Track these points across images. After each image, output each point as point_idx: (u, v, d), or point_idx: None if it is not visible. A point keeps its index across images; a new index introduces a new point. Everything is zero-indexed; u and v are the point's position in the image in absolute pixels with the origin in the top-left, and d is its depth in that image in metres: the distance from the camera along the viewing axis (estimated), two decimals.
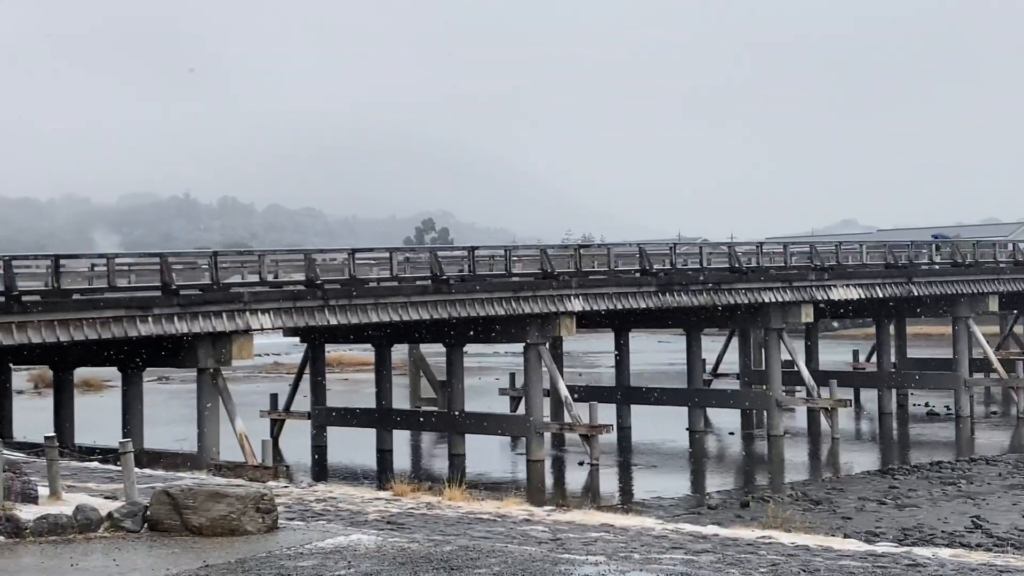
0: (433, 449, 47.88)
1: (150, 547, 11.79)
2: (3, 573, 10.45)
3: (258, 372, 75.90)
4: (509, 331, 43.69)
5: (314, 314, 38.90)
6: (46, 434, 14.57)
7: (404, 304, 40.42)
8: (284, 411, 49.17)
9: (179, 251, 43.02)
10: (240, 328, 36.68)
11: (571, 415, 41.29)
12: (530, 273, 43.70)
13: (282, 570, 10.65)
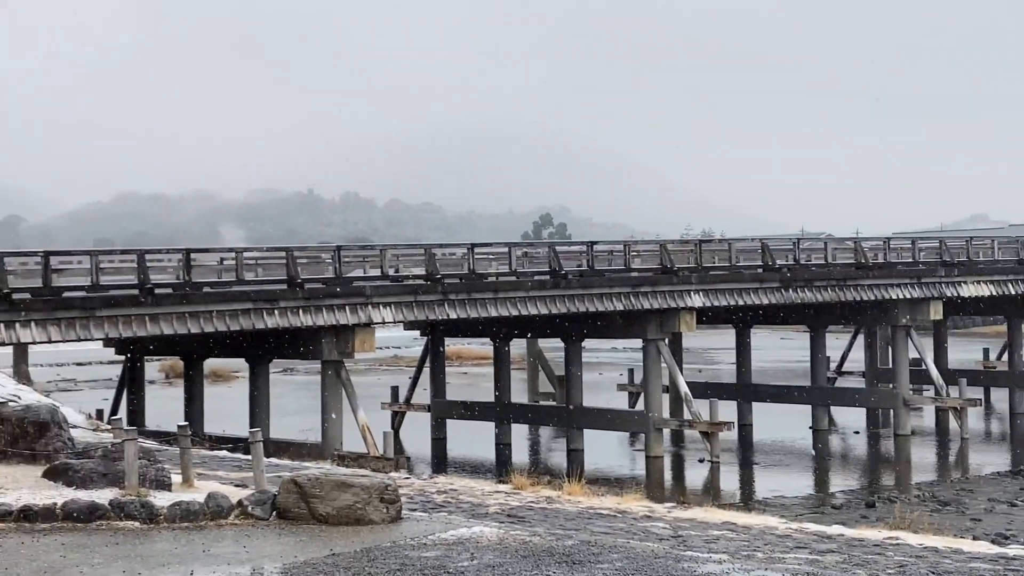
0: (551, 444, 47.94)
1: (278, 534, 12.04)
2: (138, 558, 10.78)
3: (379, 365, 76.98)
4: (628, 326, 43.49)
5: (434, 308, 39.29)
6: (179, 423, 15.00)
7: (522, 299, 40.55)
8: (405, 403, 49.80)
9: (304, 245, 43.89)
10: (362, 321, 37.25)
11: (691, 412, 40.91)
12: (649, 268, 43.42)
13: (406, 560, 10.78)
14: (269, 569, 10.47)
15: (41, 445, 15.33)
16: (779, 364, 71.52)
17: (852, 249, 47.78)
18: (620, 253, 43.85)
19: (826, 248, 47.82)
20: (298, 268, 37.15)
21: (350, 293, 37.38)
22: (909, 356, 48.00)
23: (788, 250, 47.00)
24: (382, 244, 42.33)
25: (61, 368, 76.13)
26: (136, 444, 13.09)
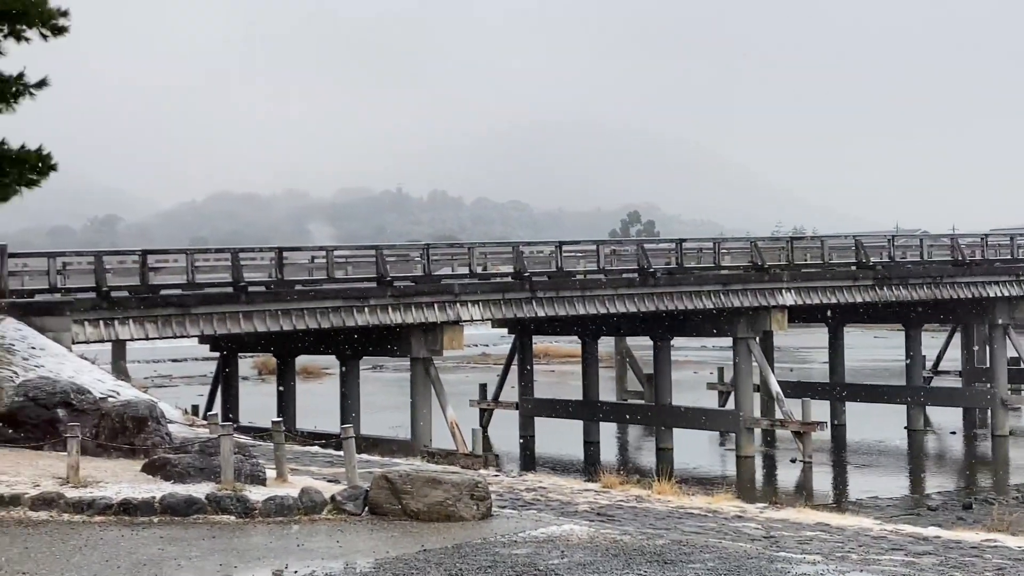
0: (640, 442, 47.72)
1: (371, 530, 12.15)
2: (234, 551, 10.96)
3: (467, 362, 77.31)
4: (718, 325, 43.11)
5: (522, 306, 39.35)
6: (272, 419, 15.22)
7: (611, 297, 40.42)
8: (493, 401, 49.98)
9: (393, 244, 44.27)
10: (451, 319, 37.46)
11: (782, 411, 40.42)
12: (739, 266, 43.00)
13: (497, 557, 10.80)
14: (362, 564, 10.57)
15: (140, 440, 15.70)
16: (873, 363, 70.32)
17: (948, 246, 46.79)
18: (710, 251, 43.50)
19: (921, 245, 46.91)
20: (387, 266, 37.47)
21: (439, 291, 37.61)
22: (1008, 355, 46.87)
23: (882, 247, 46.19)
24: (470, 242, 42.53)
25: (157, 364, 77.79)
26: (232, 439, 13.31)
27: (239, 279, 34.82)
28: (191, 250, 38.21)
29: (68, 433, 13.49)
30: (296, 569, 10.24)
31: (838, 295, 43.55)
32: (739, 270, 42.59)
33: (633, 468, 36.60)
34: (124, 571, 9.98)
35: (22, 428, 15.99)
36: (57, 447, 15.14)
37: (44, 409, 16.12)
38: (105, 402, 17.32)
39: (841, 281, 43.67)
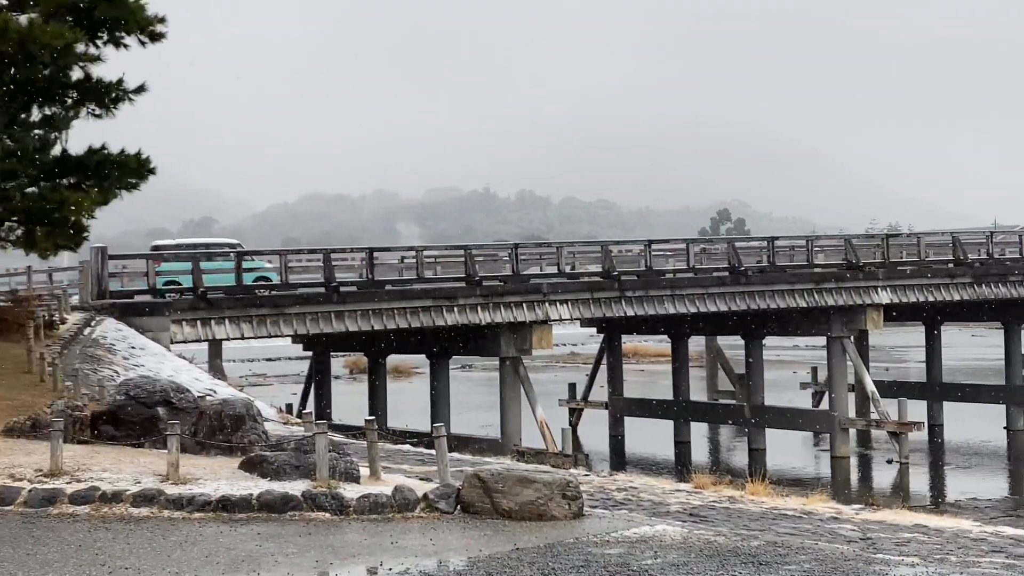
0: (731, 442, 47.28)
1: (463, 528, 12.21)
2: (330, 548, 11.09)
3: (556, 362, 77.33)
4: (811, 324, 42.55)
5: (611, 305, 39.25)
6: (365, 417, 15.39)
7: (701, 295, 40.13)
8: (582, 400, 49.94)
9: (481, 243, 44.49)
10: (540, 318, 37.51)
11: (878, 411, 39.76)
12: (833, 264, 42.41)
13: (589, 557, 10.78)
14: (455, 562, 10.63)
15: (237, 438, 15.96)
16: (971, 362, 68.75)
17: None
18: (802, 248, 42.97)
19: (1021, 242, 45.80)
20: (476, 266, 37.65)
21: (528, 290, 37.70)
22: None
23: (980, 244, 45.18)
24: (559, 241, 42.54)
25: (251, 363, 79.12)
26: (326, 438, 13.46)
27: (331, 279, 35.28)
28: (284, 251, 38.83)
29: (168, 431, 13.76)
30: (391, 567, 10.33)
31: (935, 293, 42.69)
32: (833, 268, 41.99)
33: (725, 468, 36.28)
34: (223, 567, 10.16)
35: (123, 426, 16.37)
36: (157, 445, 15.48)
37: (145, 407, 16.48)
38: (203, 400, 17.66)
39: (938, 279, 42.81)
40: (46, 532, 11.45)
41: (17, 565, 10.02)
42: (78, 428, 16.17)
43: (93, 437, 16.36)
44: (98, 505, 12.47)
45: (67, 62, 21.29)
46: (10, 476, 13.35)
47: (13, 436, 16.10)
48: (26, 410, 17.94)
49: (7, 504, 12.54)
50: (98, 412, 16.86)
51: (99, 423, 16.56)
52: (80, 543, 10.97)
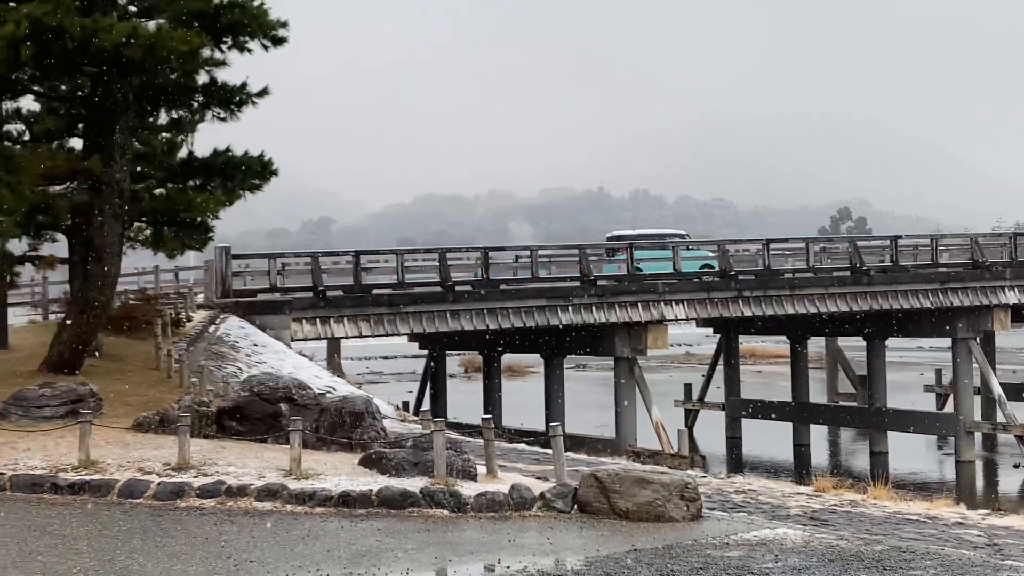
0: (852, 445, 46.35)
1: (580, 528, 12.20)
2: (448, 545, 11.18)
3: (671, 362, 76.76)
4: (935, 325, 41.49)
5: (727, 305, 38.81)
6: (482, 416, 15.48)
7: (820, 296, 39.44)
8: (698, 401, 49.47)
9: (596, 243, 44.30)
10: (655, 318, 37.27)
11: (1005, 414, 38.61)
12: (959, 264, 41.28)
13: (709, 559, 10.68)
14: (572, 561, 10.62)
15: (357, 434, 16.20)
16: None
17: None
18: (926, 248, 41.94)
19: None
20: (591, 265, 37.58)
21: (643, 290, 37.49)
22: None
23: None
24: (674, 240, 42.22)
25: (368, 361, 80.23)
26: (444, 435, 13.58)
27: (446, 279, 35.58)
28: (401, 251, 39.28)
29: (290, 427, 14.04)
30: (508, 564, 10.37)
31: None
32: (958, 268, 40.86)
33: (845, 471, 35.56)
34: (345, 561, 10.32)
35: (247, 421, 16.75)
36: (280, 440, 15.79)
37: (268, 404, 16.83)
38: (324, 397, 17.97)
39: None
40: (174, 524, 11.77)
41: (147, 557, 10.32)
42: (204, 423, 16.60)
43: (218, 432, 16.76)
44: (223, 499, 12.78)
45: (193, 67, 21.82)
46: (139, 469, 13.76)
47: (142, 431, 16.59)
48: (154, 405, 18.48)
49: (137, 497, 12.93)
50: (223, 408, 17.27)
51: (224, 418, 16.97)
52: (207, 536, 11.26)
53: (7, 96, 22.52)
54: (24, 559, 10.09)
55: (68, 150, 23.64)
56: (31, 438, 15.36)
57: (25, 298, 38.37)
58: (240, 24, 22.29)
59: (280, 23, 22.77)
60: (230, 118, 24.20)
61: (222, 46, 22.53)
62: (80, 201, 22.68)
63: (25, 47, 19.51)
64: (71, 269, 23.61)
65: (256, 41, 22.78)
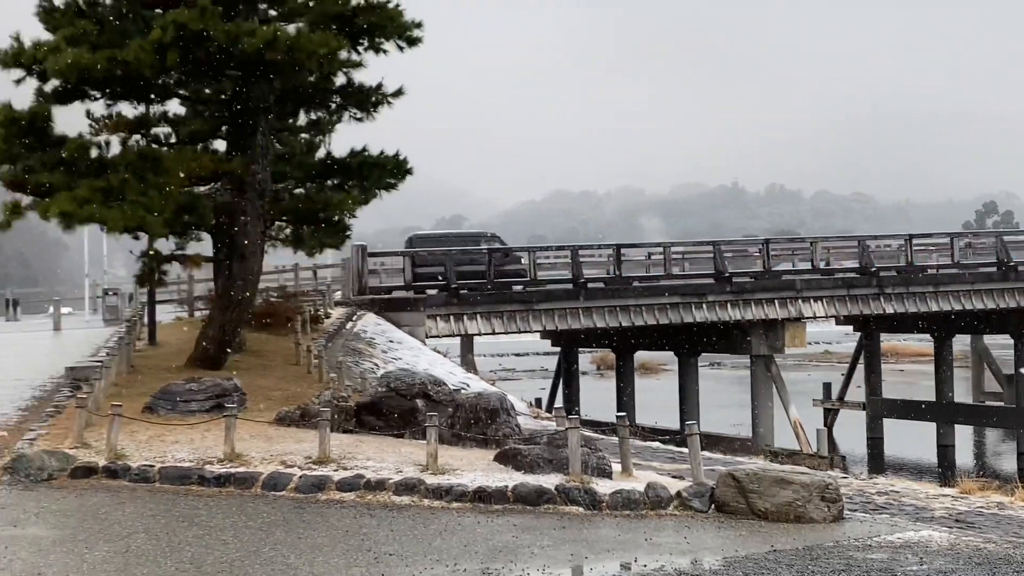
0: (998, 446, 44.80)
1: (717, 527, 12.06)
2: (584, 542, 11.16)
3: (808, 360, 75.25)
4: None
5: (868, 302, 37.92)
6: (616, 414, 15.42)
7: (966, 292, 38.26)
8: (837, 400, 48.41)
9: (730, 239, 43.78)
10: (792, 316, 36.63)
11: None
12: None
13: (851, 561, 10.44)
14: (709, 561, 10.50)
15: (492, 431, 16.31)
16: None
17: None
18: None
19: None
20: (725, 262, 37.12)
21: (780, 287, 36.89)
22: None
23: None
24: (812, 236, 41.40)
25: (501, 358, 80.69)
26: (579, 432, 13.57)
27: (579, 276, 35.56)
28: (533, 248, 39.40)
29: (427, 423, 14.20)
30: (645, 563, 10.30)
31: None
32: None
33: (992, 473, 34.38)
34: (481, 556, 10.39)
35: (385, 417, 17.00)
36: (416, 435, 15.98)
37: (404, 399, 17.06)
38: (459, 394, 18.13)
39: None
40: (315, 517, 12.01)
41: (290, 549, 10.55)
42: (343, 418, 16.91)
43: (356, 427, 17.06)
44: (363, 492, 12.99)
45: (331, 69, 22.25)
46: (282, 463, 14.09)
47: (284, 425, 16.98)
48: (295, 400, 18.91)
49: (279, 489, 13.24)
50: (361, 403, 17.57)
51: (362, 413, 17.26)
52: (347, 528, 11.46)
53: (155, 100, 23.28)
54: (173, 549, 10.42)
55: (212, 152, 24.32)
56: (179, 431, 15.87)
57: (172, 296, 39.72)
58: (376, 26, 22.63)
59: (415, 24, 23.06)
60: (366, 118, 24.63)
61: (358, 48, 22.91)
62: (224, 201, 23.35)
63: (171, 52, 20.15)
64: (215, 267, 24.32)
65: (391, 42, 23.11)
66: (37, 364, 24.74)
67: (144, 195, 20.31)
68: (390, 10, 22.70)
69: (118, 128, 22.26)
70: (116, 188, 20.14)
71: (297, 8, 22.81)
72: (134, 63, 20.11)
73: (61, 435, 15.57)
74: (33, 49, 20.98)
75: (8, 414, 17.95)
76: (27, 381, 21.80)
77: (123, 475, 13.60)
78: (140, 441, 15.26)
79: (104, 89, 21.71)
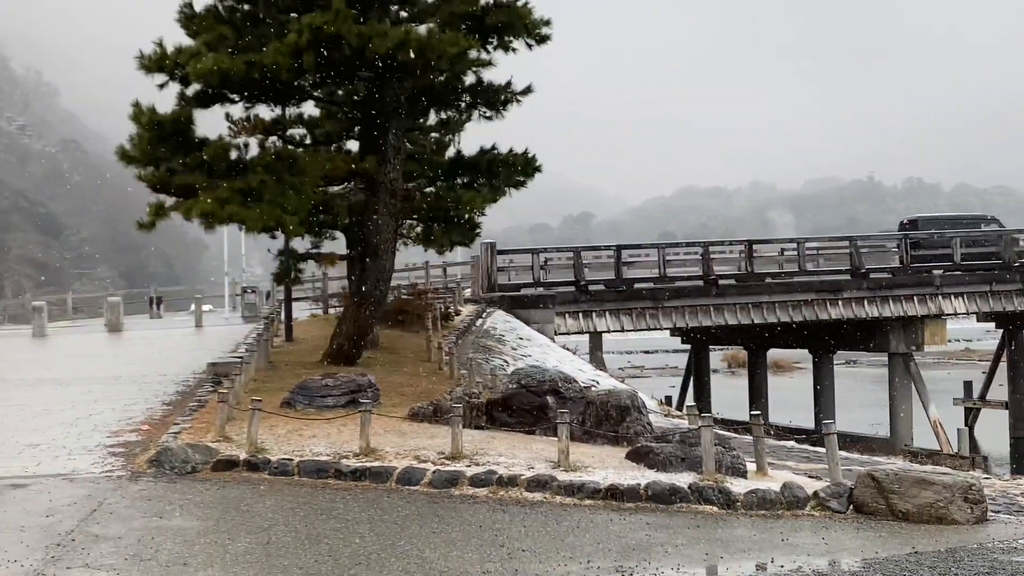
0: None
1: (856, 529, 11.79)
2: (718, 542, 11.03)
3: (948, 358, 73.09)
4: None
5: (1012, 298, 36.72)
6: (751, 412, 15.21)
7: None
8: (979, 399, 46.90)
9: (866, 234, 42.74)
10: (932, 312, 35.69)
11: None
12: None
13: (995, 563, 10.10)
14: (848, 562, 10.28)
15: (623, 428, 16.24)
16: None
17: None
18: None
19: None
20: (862, 258, 36.32)
21: (919, 283, 35.95)
22: None
23: None
24: (952, 231, 40.16)
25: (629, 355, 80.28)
26: (712, 431, 13.42)
27: (709, 272, 35.19)
28: (663, 244, 39.12)
29: (557, 419, 14.21)
30: (782, 564, 10.13)
31: None
32: None
33: None
34: (615, 554, 10.35)
35: (515, 413, 17.07)
36: (547, 432, 16.01)
37: (535, 396, 17.10)
38: (589, 391, 18.10)
39: None
40: (449, 512, 12.13)
41: (424, 543, 10.67)
42: (475, 414, 17.04)
43: (488, 423, 17.17)
44: (495, 488, 13.07)
45: (462, 68, 22.42)
46: (415, 458, 14.26)
47: (417, 420, 17.20)
48: (427, 396, 19.13)
49: (413, 484, 13.40)
50: (492, 399, 17.68)
51: (493, 410, 17.37)
52: (480, 524, 11.54)
53: (291, 102, 23.81)
54: (312, 542, 10.64)
55: (346, 152, 24.78)
56: (315, 426, 16.20)
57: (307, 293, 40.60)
58: (506, 24, 22.75)
59: (543, 21, 23.10)
60: (495, 117, 24.77)
61: (488, 46, 23.05)
62: (357, 200, 23.78)
63: (307, 55, 20.58)
64: (349, 265, 24.77)
65: (521, 40, 23.19)
66: (180, 360, 25.57)
67: (281, 195, 20.79)
68: (519, 9, 22.79)
69: (256, 130, 22.83)
70: (254, 189, 20.67)
71: (427, 8, 23.07)
72: (271, 66, 20.60)
73: (203, 429, 16.04)
74: (175, 54, 21.66)
75: (153, 408, 18.58)
76: (171, 376, 22.55)
77: (263, 468, 13.94)
78: (279, 435, 15.63)
79: (243, 92, 22.30)
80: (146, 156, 21.73)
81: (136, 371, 23.84)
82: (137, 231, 22.43)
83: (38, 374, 24.34)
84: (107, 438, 15.90)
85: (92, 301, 61.70)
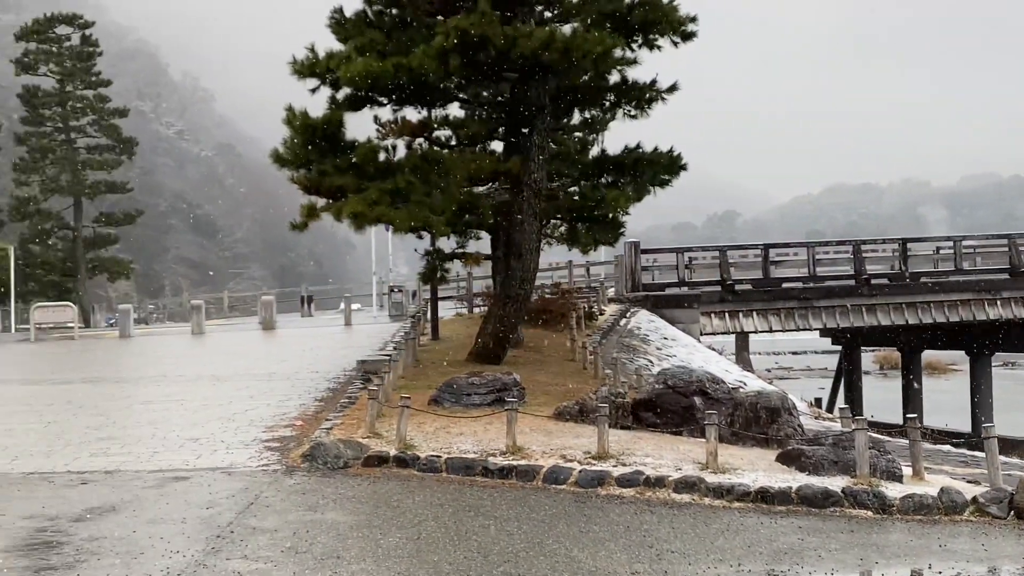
0: None
1: (1017, 535, 11.36)
2: (873, 547, 10.76)
3: None
4: None
5: None
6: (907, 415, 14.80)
7: None
8: None
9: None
10: None
11: None
12: None
13: None
14: (1009, 569, 9.94)
15: (773, 430, 15.97)
16: None
17: None
18: None
19: None
20: (1021, 256, 34.99)
21: None
22: None
23: None
24: None
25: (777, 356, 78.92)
26: (866, 434, 13.09)
27: (861, 271, 34.36)
28: (812, 243, 38.36)
29: (705, 420, 14.05)
30: (939, 570, 9.83)
31: None
32: None
33: None
34: (766, 558, 10.19)
35: (662, 414, 16.96)
36: (694, 433, 15.86)
37: (682, 396, 16.96)
38: (737, 392, 17.87)
39: None
40: (595, 511, 12.11)
41: (572, 542, 10.68)
42: (620, 414, 16.98)
43: (633, 423, 17.10)
44: (642, 489, 13.00)
45: (606, 67, 22.38)
46: (561, 457, 14.29)
47: (562, 419, 17.23)
48: (571, 395, 19.14)
49: (560, 483, 13.43)
50: (638, 399, 17.60)
51: (639, 410, 17.28)
52: (627, 524, 11.49)
53: (437, 104, 24.12)
54: (461, 538, 10.75)
55: (490, 152, 24.99)
56: (462, 423, 16.38)
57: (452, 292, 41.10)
58: (650, 22, 22.61)
59: (689, 18, 22.88)
60: (640, 115, 24.65)
61: (632, 45, 22.94)
62: (502, 200, 23.95)
63: (453, 57, 20.83)
64: (493, 265, 24.97)
65: (666, 38, 23.02)
66: (331, 357, 26.17)
67: (428, 196, 21.09)
68: (664, 6, 22.63)
69: (403, 132, 23.20)
70: (402, 189, 21.00)
71: (571, 8, 23.09)
72: (419, 69, 20.91)
73: (354, 425, 16.37)
74: (326, 59, 22.17)
75: (306, 404, 19.05)
76: (322, 373, 23.09)
77: (412, 464, 14.15)
78: (427, 432, 15.84)
79: (391, 95, 22.69)
80: (298, 159, 22.28)
81: (289, 368, 24.50)
82: (289, 232, 23.03)
83: (197, 370, 25.22)
84: (263, 433, 16.37)
85: (246, 300, 63.71)
